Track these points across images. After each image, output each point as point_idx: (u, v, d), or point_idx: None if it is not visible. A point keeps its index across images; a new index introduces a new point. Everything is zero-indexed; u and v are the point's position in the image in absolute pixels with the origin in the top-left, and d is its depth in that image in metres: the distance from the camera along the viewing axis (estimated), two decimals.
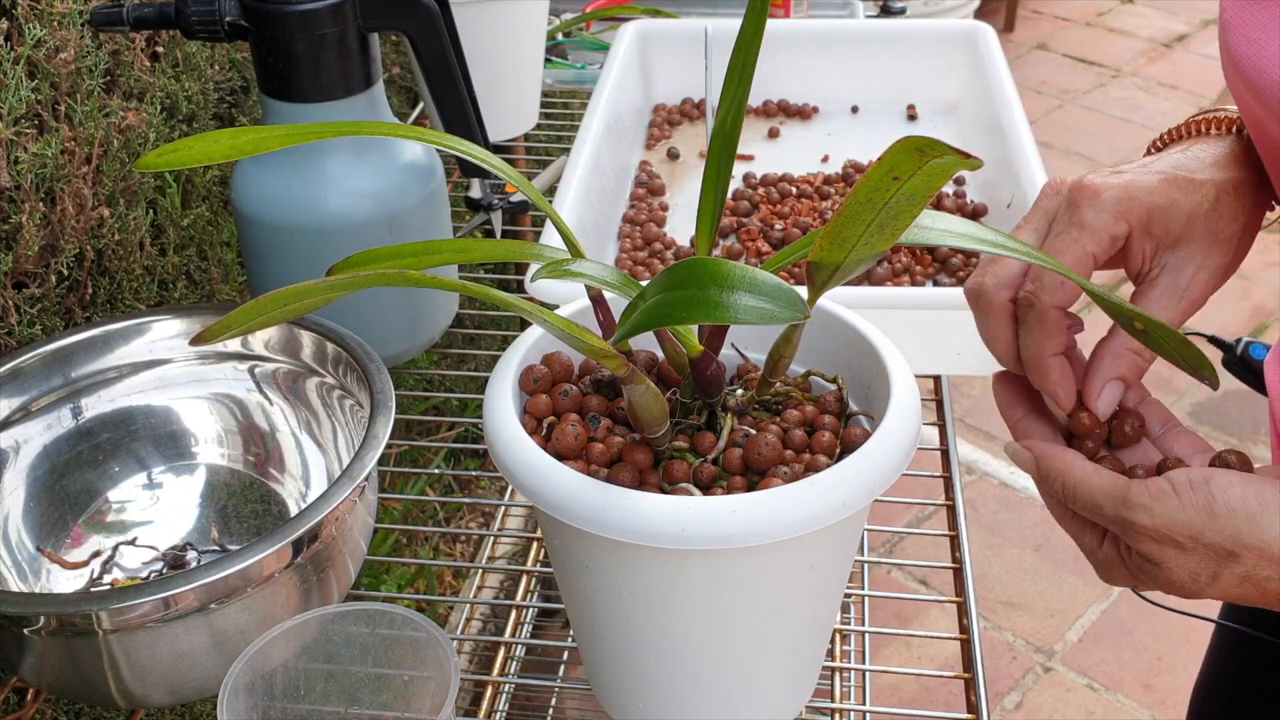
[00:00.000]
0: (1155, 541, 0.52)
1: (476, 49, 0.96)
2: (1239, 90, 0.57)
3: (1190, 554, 0.51)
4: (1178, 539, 0.51)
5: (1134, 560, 0.54)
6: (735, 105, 0.56)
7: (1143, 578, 0.54)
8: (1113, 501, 0.53)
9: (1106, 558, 0.55)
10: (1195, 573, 0.51)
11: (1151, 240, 0.58)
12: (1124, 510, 0.52)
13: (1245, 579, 0.51)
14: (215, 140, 0.56)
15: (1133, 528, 0.52)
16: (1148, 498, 0.51)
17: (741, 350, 0.64)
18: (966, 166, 0.42)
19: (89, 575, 0.74)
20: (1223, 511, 0.50)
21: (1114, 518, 0.53)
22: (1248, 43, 0.55)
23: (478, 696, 0.91)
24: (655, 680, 0.59)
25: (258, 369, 0.81)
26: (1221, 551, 0.50)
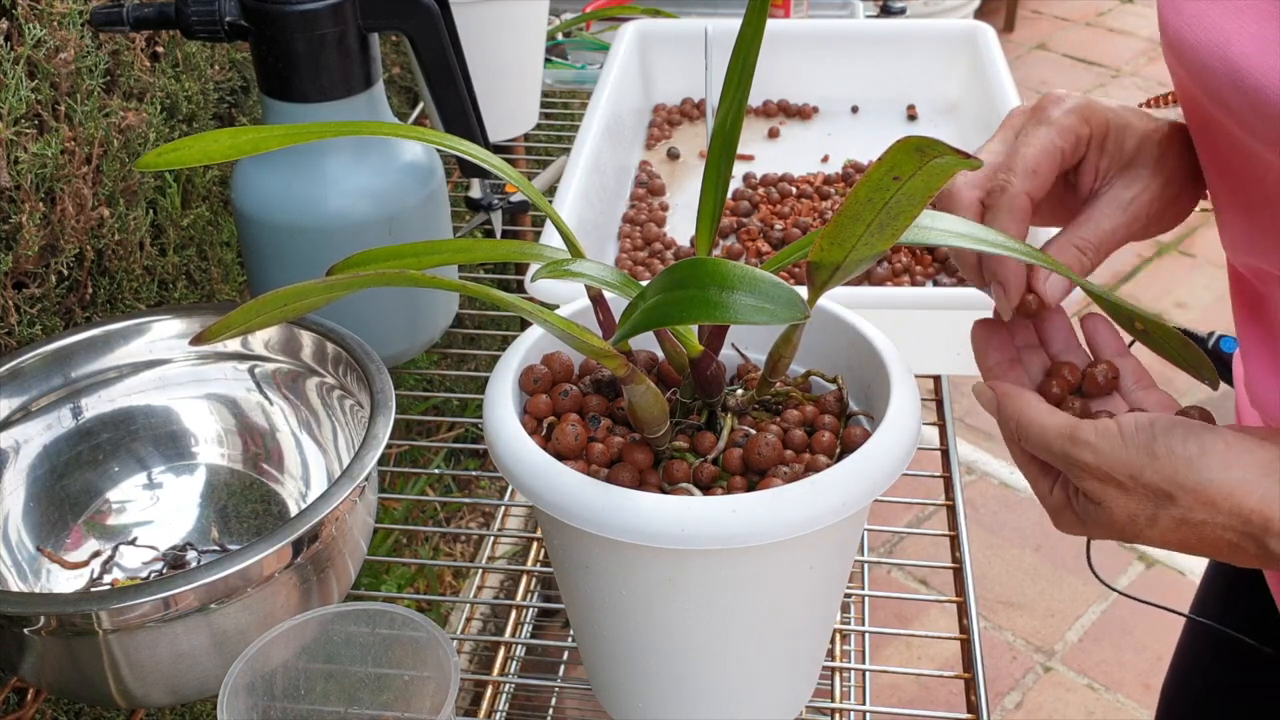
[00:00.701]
0: (1098, 480, 0.53)
1: (476, 49, 0.96)
2: (1170, 63, 0.57)
3: (1130, 494, 0.52)
4: (1118, 478, 0.52)
5: (1080, 502, 0.55)
6: (735, 105, 0.56)
7: (1088, 522, 0.55)
8: (1061, 439, 0.54)
9: (1057, 502, 0.56)
10: (1134, 513, 0.52)
11: (1106, 157, 0.60)
12: (1070, 447, 0.53)
13: (1182, 522, 0.52)
14: (215, 140, 0.56)
15: (1077, 465, 0.53)
16: (1094, 436, 0.53)
17: (741, 350, 0.64)
18: (966, 166, 0.42)
19: (89, 575, 0.74)
20: (1163, 453, 0.51)
21: (1060, 455, 0.54)
22: (1174, 12, 0.55)
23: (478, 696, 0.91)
24: (655, 680, 0.59)
25: (258, 369, 0.81)
26: (1159, 492, 0.51)
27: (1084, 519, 0.55)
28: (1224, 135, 0.55)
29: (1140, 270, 2.74)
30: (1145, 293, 2.66)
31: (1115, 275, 2.71)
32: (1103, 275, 2.70)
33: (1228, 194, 0.58)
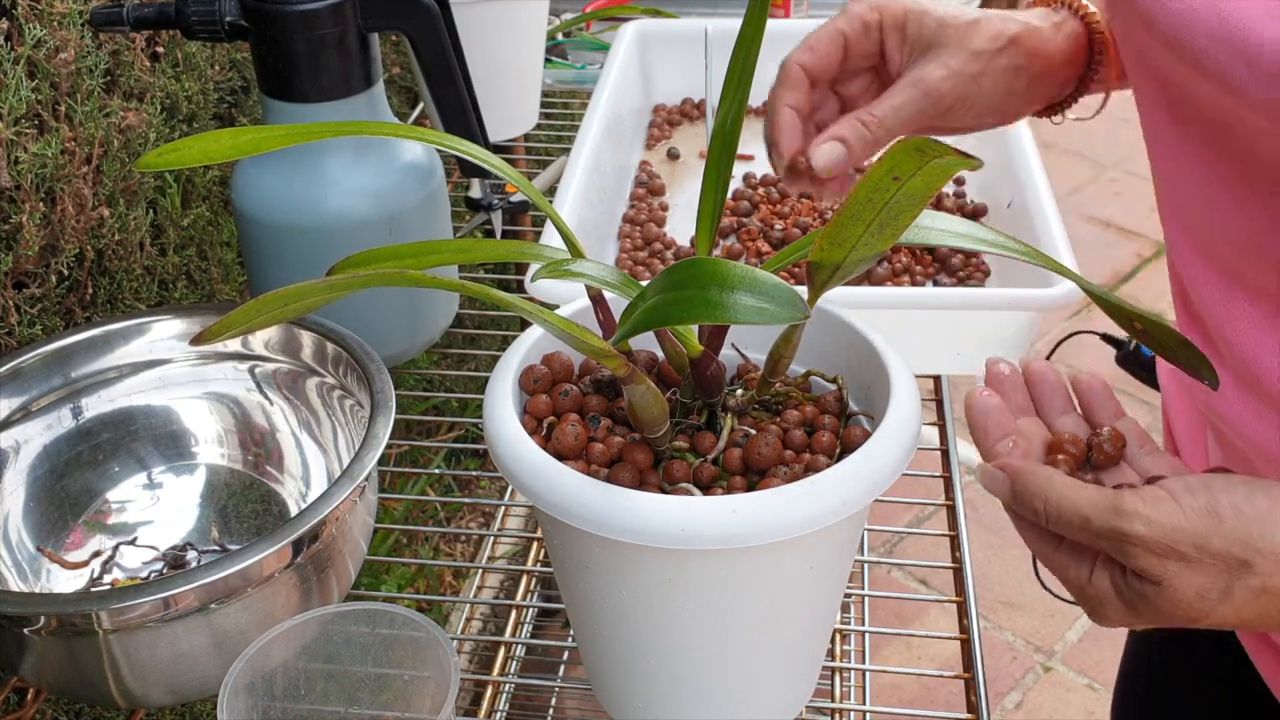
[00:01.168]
0: (1155, 555, 0.46)
1: (476, 49, 0.96)
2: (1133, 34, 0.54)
3: (1196, 567, 0.45)
4: (1181, 549, 0.45)
5: (1130, 586, 0.48)
6: (735, 105, 0.56)
7: (1141, 606, 0.48)
8: (1103, 512, 0.47)
9: (1099, 590, 0.50)
10: (1204, 590, 0.46)
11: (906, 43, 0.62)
12: (1117, 520, 0.47)
13: (1261, 592, 0.45)
14: (215, 140, 0.56)
15: (1128, 540, 0.46)
16: (1143, 504, 0.46)
17: (741, 350, 0.64)
18: (967, 166, 0.42)
19: (89, 575, 0.74)
20: (1229, 514, 0.45)
21: (1105, 530, 0.47)
22: None
23: (478, 696, 0.91)
24: (655, 680, 0.59)
25: (258, 369, 0.81)
26: (1232, 560, 0.45)
27: (1136, 605, 0.48)
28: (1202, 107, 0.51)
29: (1140, 270, 2.73)
30: (1145, 293, 2.66)
31: (1115, 275, 2.71)
32: (1103, 275, 2.70)
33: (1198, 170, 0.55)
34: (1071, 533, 0.49)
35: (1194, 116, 0.53)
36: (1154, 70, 0.54)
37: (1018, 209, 0.93)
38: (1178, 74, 0.51)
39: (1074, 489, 0.49)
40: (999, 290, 0.87)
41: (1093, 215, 2.92)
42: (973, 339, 0.85)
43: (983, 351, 0.86)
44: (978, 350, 0.85)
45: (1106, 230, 2.87)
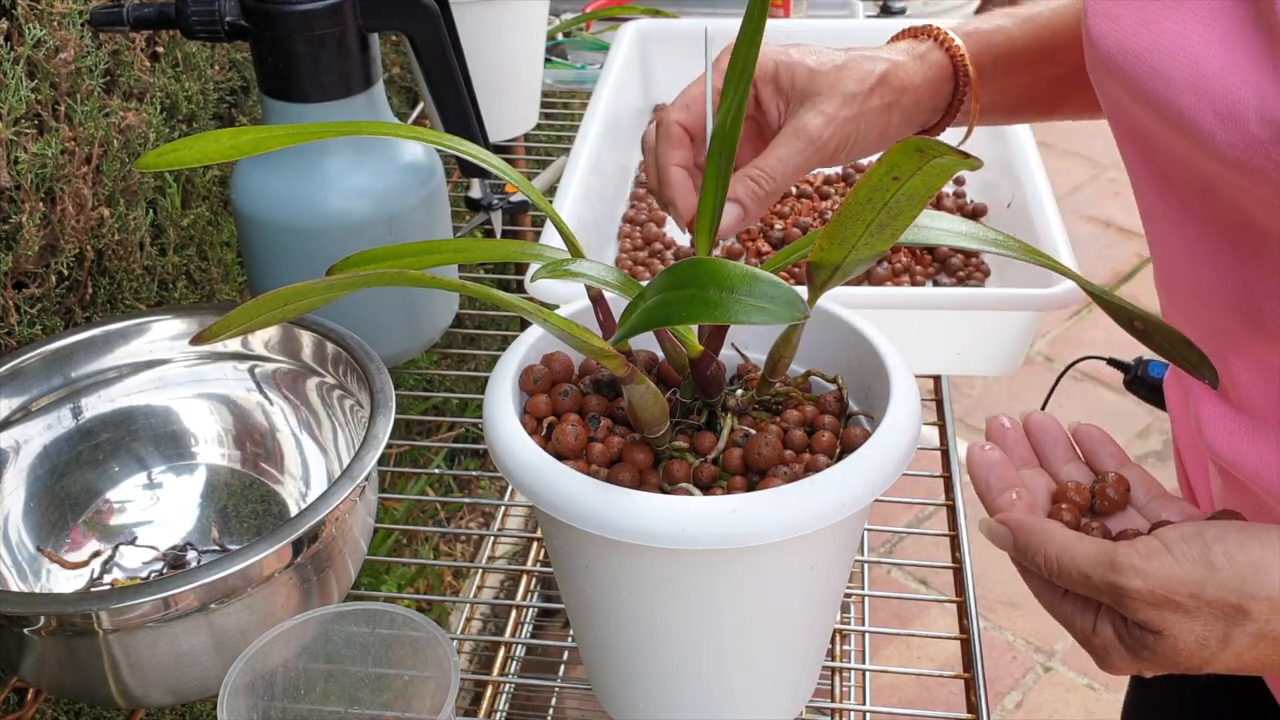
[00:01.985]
0: (1153, 606, 0.47)
1: (476, 49, 0.96)
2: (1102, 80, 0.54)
3: (1194, 616, 0.46)
4: (1177, 599, 0.46)
5: (1133, 636, 0.49)
6: (735, 105, 0.55)
7: (1145, 655, 0.49)
8: (1100, 567, 0.48)
9: (1103, 640, 0.50)
10: (1203, 638, 0.47)
11: (780, 94, 0.64)
12: (1113, 575, 0.48)
13: (1260, 637, 0.46)
14: (215, 140, 0.56)
15: (1126, 594, 0.47)
16: (1138, 558, 0.47)
17: (741, 350, 0.64)
18: (966, 166, 0.42)
19: (89, 575, 0.74)
20: (1222, 562, 0.46)
21: (1104, 585, 0.48)
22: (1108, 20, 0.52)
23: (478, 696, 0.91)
24: (655, 680, 0.59)
25: (258, 369, 0.81)
26: (1228, 608, 0.46)
27: (1139, 654, 0.49)
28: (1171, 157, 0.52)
29: (1140, 270, 2.73)
30: (1145, 293, 2.66)
31: (1115, 275, 2.71)
32: (1103, 275, 2.70)
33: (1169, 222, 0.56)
34: (1073, 586, 0.50)
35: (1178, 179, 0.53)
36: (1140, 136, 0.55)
37: (1018, 209, 0.93)
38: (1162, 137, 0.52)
39: (1073, 543, 0.50)
40: (999, 290, 0.87)
41: (1093, 215, 2.92)
42: (973, 339, 0.85)
43: (983, 351, 0.86)
44: (978, 350, 0.85)
45: (1106, 230, 2.87)
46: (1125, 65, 0.51)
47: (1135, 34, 0.50)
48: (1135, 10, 0.51)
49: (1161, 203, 0.56)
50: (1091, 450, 0.58)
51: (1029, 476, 0.57)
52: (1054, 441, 0.58)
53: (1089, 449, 0.58)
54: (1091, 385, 2.36)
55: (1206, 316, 0.56)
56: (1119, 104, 0.54)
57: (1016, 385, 2.38)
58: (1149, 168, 0.55)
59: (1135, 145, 0.56)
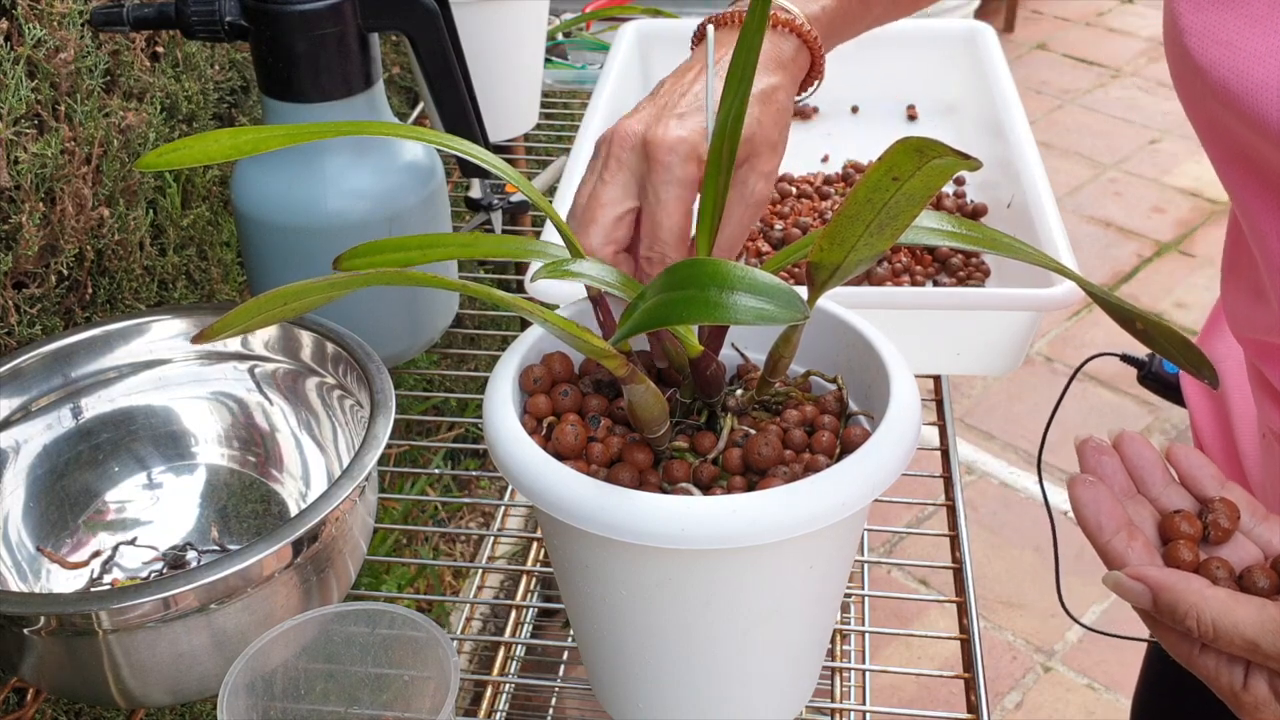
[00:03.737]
0: None
1: (476, 49, 0.96)
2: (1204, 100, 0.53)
3: None
4: None
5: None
6: (736, 105, 0.56)
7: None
8: (1270, 635, 0.46)
9: (1257, 698, 0.49)
10: None
11: None
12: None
13: None
14: (215, 140, 0.56)
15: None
16: None
17: (741, 350, 0.64)
18: (966, 167, 0.42)
19: (89, 575, 0.74)
20: None
21: (1277, 655, 0.46)
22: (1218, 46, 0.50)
23: (478, 696, 0.91)
24: (655, 680, 0.59)
25: (258, 369, 0.81)
26: None
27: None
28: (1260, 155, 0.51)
29: (1140, 270, 2.74)
30: (1145, 292, 2.66)
31: (1115, 275, 2.71)
32: (1103, 274, 2.70)
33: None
34: (1236, 652, 0.48)
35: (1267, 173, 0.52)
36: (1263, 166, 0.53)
37: (1018, 209, 0.93)
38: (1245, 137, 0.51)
39: (1230, 607, 0.48)
40: (999, 290, 0.87)
41: (1093, 215, 2.92)
42: (973, 339, 0.84)
43: (983, 351, 0.86)
44: (978, 350, 0.85)
45: (1106, 230, 2.87)
46: (1244, 95, 0.48)
47: (1253, 63, 0.48)
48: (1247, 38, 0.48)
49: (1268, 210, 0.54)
50: (1189, 473, 0.56)
51: (1133, 509, 0.55)
52: (1150, 465, 0.56)
53: (1186, 471, 0.56)
54: (1092, 385, 2.36)
55: None
56: (1228, 129, 0.52)
57: (1016, 385, 2.38)
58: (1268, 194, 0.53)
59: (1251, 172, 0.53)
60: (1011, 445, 2.24)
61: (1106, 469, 0.56)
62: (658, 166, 0.60)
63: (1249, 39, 0.48)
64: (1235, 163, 0.55)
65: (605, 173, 0.61)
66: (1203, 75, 0.51)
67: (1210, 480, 0.55)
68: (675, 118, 0.60)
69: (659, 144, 0.59)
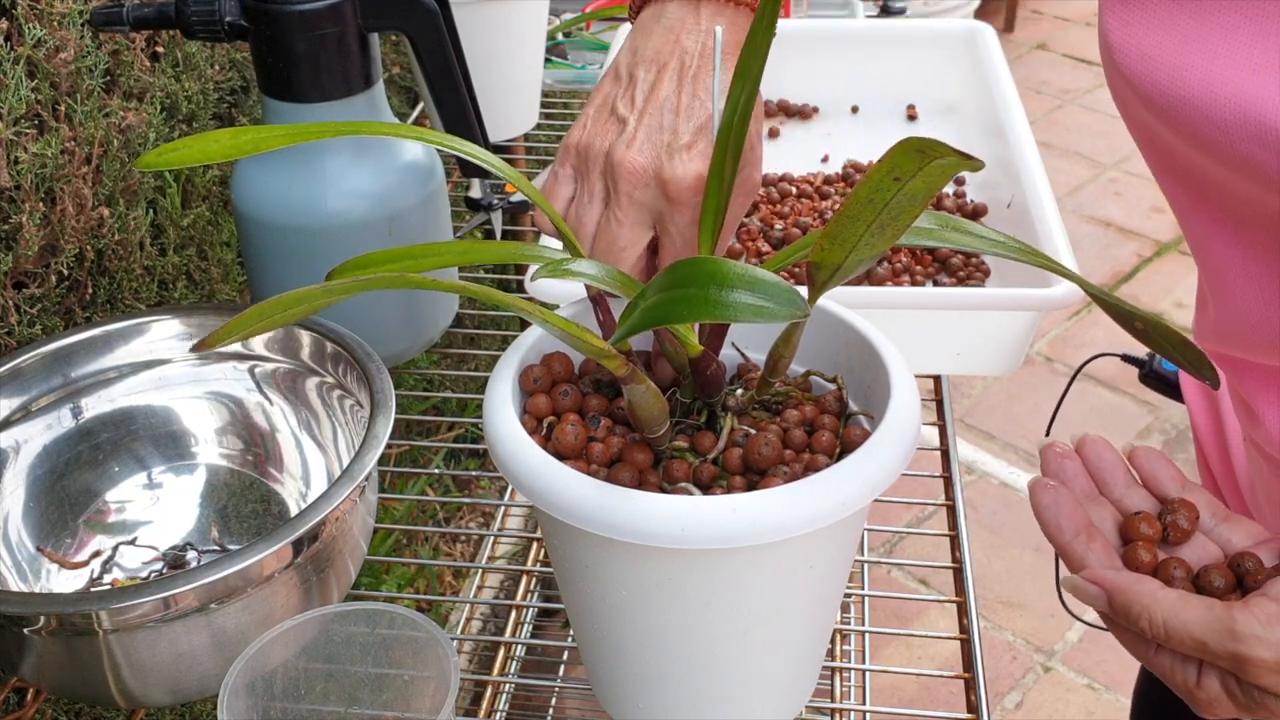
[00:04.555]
0: (1277, 673, 0.46)
1: (476, 49, 0.96)
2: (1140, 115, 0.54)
3: None
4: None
5: (1248, 695, 0.48)
6: (743, 105, 0.56)
7: (1261, 712, 0.48)
8: (1218, 636, 0.47)
9: (1209, 696, 0.49)
10: None
11: None
12: (1235, 645, 0.47)
13: None
14: (215, 140, 0.56)
15: (1248, 663, 0.47)
16: (1259, 625, 0.46)
17: (742, 350, 0.64)
18: (968, 168, 0.42)
19: (89, 575, 0.74)
20: None
21: (1224, 654, 0.47)
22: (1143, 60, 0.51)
23: (478, 696, 0.91)
24: (655, 680, 0.59)
25: (257, 369, 0.81)
26: None
27: (1253, 711, 0.48)
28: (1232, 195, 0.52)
29: (1140, 270, 2.74)
30: (1145, 292, 2.66)
31: (1115, 275, 2.71)
32: (1103, 274, 2.70)
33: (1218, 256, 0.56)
34: (1185, 651, 0.49)
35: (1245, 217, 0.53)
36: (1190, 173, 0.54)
37: (1018, 209, 0.93)
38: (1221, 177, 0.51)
39: (1180, 608, 0.49)
40: (999, 290, 0.87)
41: (1093, 215, 2.92)
42: (973, 339, 0.84)
43: (983, 351, 0.86)
44: (978, 350, 0.85)
45: (1106, 230, 2.87)
46: (1170, 108, 0.50)
47: (1179, 78, 0.49)
48: (1173, 52, 0.49)
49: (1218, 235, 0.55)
50: (1151, 474, 0.57)
51: (1094, 511, 0.56)
52: (1111, 468, 0.57)
53: (1148, 473, 0.57)
54: (1091, 385, 2.36)
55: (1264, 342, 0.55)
56: (1159, 139, 0.53)
57: (1016, 385, 2.38)
58: (1201, 204, 0.54)
59: (1182, 181, 0.54)
60: (1011, 445, 2.24)
61: (1068, 472, 0.57)
62: (682, 207, 0.59)
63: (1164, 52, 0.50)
64: (1169, 174, 0.56)
65: (619, 212, 0.60)
66: (1133, 88, 0.52)
67: (1171, 482, 0.56)
68: (684, 150, 0.59)
69: (680, 185, 0.59)
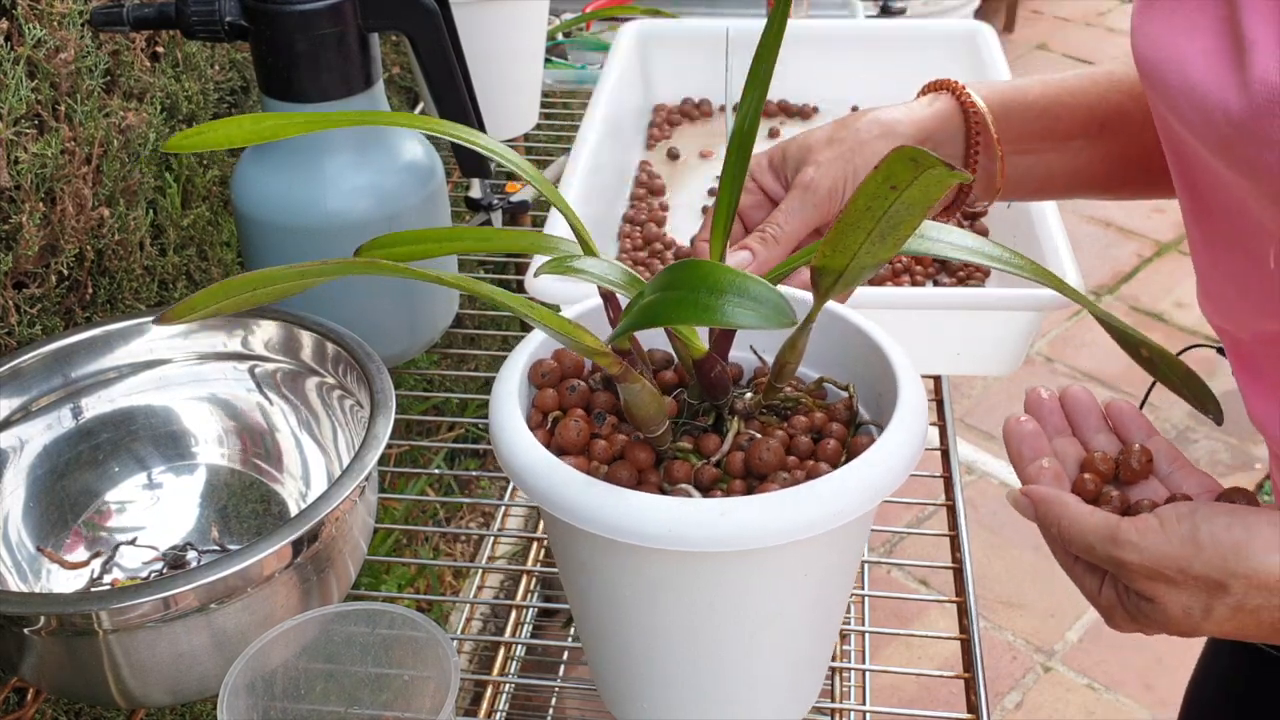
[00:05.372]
0: (1147, 578, 0.52)
1: (476, 49, 0.96)
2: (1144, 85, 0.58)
3: (1181, 588, 0.51)
4: (1167, 573, 0.51)
5: (1131, 601, 0.54)
6: (754, 106, 0.56)
7: (1141, 619, 0.54)
8: (1103, 540, 0.53)
9: (1107, 601, 0.56)
10: (1188, 607, 0.52)
11: (781, 177, 0.70)
12: (1114, 549, 0.53)
13: (1238, 609, 0.51)
14: (238, 125, 0.57)
15: (1124, 566, 0.53)
16: (1135, 534, 0.52)
17: (759, 353, 0.63)
18: (959, 179, 0.43)
19: (89, 575, 0.74)
20: (1207, 542, 0.50)
21: (1105, 557, 0.53)
22: (1139, 35, 0.56)
23: (478, 696, 0.91)
24: (655, 680, 0.59)
25: (257, 369, 0.81)
26: (1210, 583, 0.51)
27: (1137, 617, 0.54)
28: (1193, 158, 0.55)
29: (1140, 270, 2.73)
30: (1145, 292, 2.66)
31: (1115, 275, 2.71)
32: (1103, 275, 2.70)
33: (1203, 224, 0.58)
34: (1081, 554, 0.56)
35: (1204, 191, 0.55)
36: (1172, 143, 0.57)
37: (1018, 209, 0.93)
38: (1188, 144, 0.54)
39: (1083, 517, 0.55)
40: (999, 290, 0.87)
41: (1093, 215, 2.92)
42: (973, 339, 0.85)
43: (983, 351, 0.86)
44: (978, 350, 0.85)
45: (1106, 230, 2.87)
46: (1148, 71, 0.55)
47: (1156, 46, 0.54)
48: (1157, 25, 0.55)
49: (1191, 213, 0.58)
50: (1121, 423, 0.61)
51: (1061, 445, 0.61)
52: (1086, 412, 0.62)
53: (1119, 422, 0.61)
54: (1092, 385, 2.36)
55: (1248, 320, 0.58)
56: (1156, 111, 0.57)
57: (1016, 385, 2.38)
58: (1181, 178, 0.58)
59: (1171, 154, 0.58)
60: None
61: (1044, 410, 0.63)
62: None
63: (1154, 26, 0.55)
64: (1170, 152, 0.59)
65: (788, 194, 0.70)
66: (1140, 66, 0.56)
67: (1138, 431, 0.61)
68: None
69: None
